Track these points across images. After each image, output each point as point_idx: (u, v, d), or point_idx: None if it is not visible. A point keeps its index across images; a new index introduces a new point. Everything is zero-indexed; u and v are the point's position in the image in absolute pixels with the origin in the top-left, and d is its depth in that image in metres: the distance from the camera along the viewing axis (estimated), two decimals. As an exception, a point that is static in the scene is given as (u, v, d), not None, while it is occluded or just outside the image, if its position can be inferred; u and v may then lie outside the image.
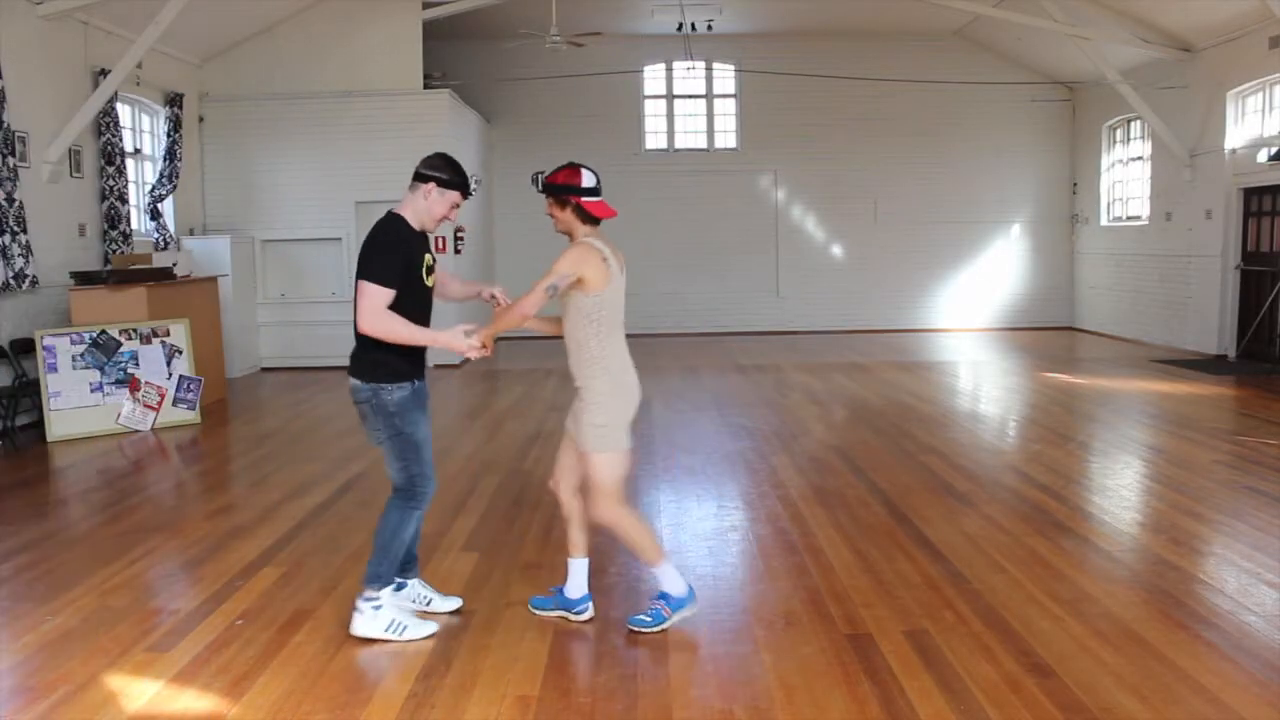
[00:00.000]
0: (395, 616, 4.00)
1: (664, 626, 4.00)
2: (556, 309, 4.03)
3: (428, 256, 4.02)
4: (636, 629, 4.01)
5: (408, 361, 3.96)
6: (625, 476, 4.04)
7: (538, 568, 4.84)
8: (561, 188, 3.91)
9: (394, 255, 3.84)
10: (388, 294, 3.79)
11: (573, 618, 4.15)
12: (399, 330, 3.81)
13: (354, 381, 3.95)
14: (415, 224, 3.99)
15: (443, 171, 3.98)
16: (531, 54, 14.13)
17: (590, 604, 4.18)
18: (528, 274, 16.94)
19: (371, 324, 3.78)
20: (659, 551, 4.07)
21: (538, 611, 4.23)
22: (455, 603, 4.31)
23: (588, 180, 3.91)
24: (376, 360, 3.90)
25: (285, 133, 12.80)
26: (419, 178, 4.00)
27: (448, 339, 3.88)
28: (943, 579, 4.58)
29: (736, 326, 16.30)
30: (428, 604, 4.25)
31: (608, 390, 3.92)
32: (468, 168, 14.95)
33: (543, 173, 4.02)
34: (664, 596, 4.04)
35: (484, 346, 3.90)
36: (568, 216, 3.94)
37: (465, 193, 4.01)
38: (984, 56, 15.98)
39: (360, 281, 3.79)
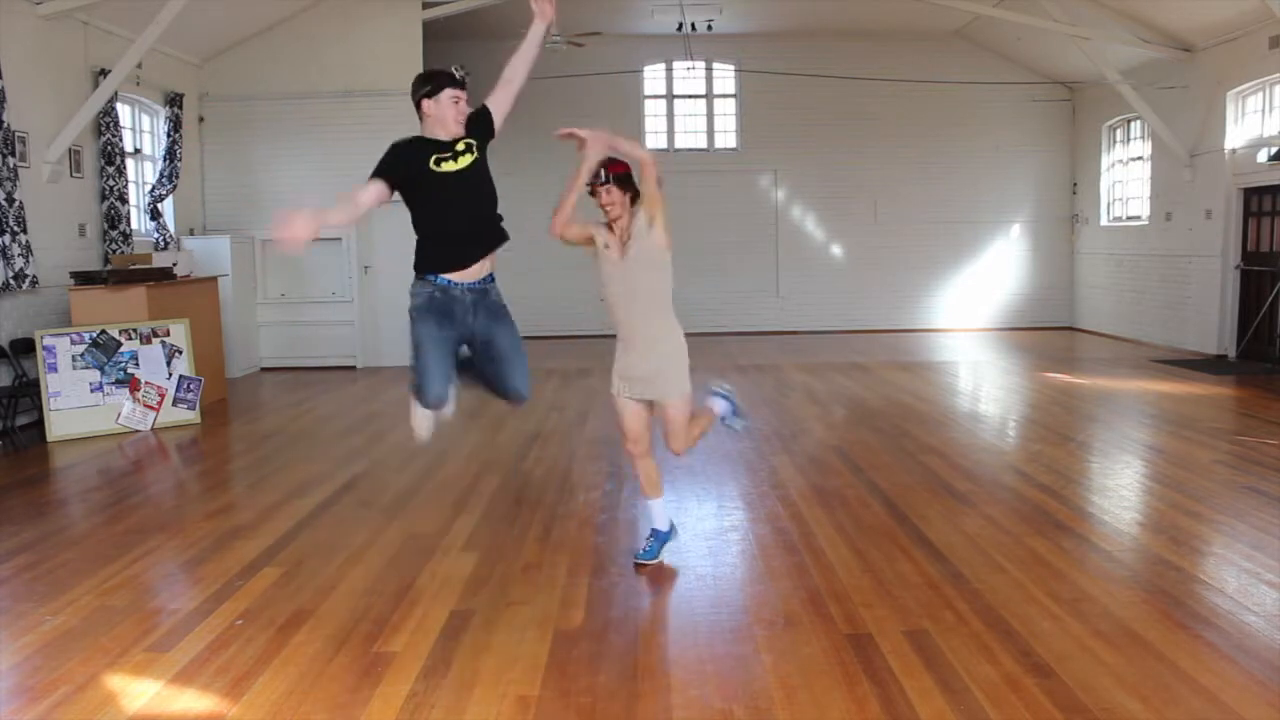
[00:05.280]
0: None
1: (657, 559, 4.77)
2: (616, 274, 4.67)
3: (447, 152, 4.19)
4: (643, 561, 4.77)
5: (434, 254, 4.28)
6: None
7: (538, 568, 4.84)
8: (628, 177, 4.55)
9: (389, 153, 4.24)
10: (371, 183, 4.17)
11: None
12: (344, 195, 4.27)
13: None
14: (436, 136, 4.21)
15: (422, 86, 4.23)
16: (531, 54, 14.11)
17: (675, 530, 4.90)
18: (527, 272, 16.87)
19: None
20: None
21: (648, 562, 4.80)
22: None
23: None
24: (417, 249, 4.35)
25: (285, 133, 12.80)
26: (415, 107, 4.27)
27: (309, 216, 3.99)
28: (943, 579, 4.58)
29: (736, 326, 16.29)
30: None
31: (678, 346, 4.67)
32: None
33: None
34: (654, 532, 4.85)
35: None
36: (627, 201, 4.59)
37: (453, 85, 4.21)
38: (984, 56, 15.98)
39: None
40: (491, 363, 4.39)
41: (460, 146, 4.22)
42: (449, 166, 4.18)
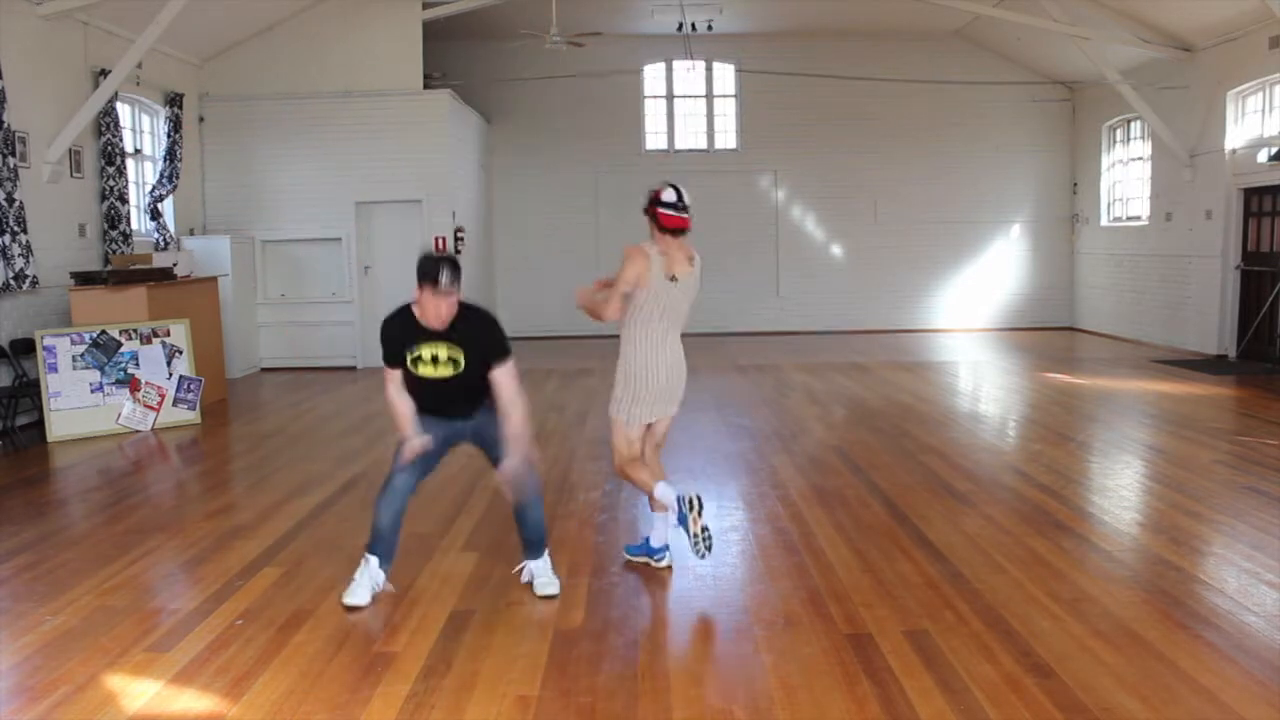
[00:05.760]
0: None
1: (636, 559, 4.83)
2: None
3: (425, 350, 4.24)
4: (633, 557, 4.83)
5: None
6: (634, 443, 4.68)
7: (538, 568, 4.84)
8: (649, 199, 4.78)
9: (384, 342, 4.39)
10: (387, 371, 4.39)
11: (653, 563, 4.79)
12: (390, 405, 4.43)
13: None
14: (424, 321, 4.23)
15: (418, 269, 4.14)
16: (531, 54, 14.13)
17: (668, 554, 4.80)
18: (526, 272, 16.89)
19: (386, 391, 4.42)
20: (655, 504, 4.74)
21: (631, 557, 4.88)
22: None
23: (666, 195, 4.87)
24: None
25: (285, 133, 12.80)
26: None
27: (407, 432, 4.37)
28: (943, 579, 4.58)
29: (736, 326, 16.29)
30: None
31: (622, 368, 4.63)
32: (467, 167, 14.83)
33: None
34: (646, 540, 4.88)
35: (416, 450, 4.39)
36: (648, 222, 4.79)
37: (431, 284, 4.08)
38: (984, 56, 15.98)
39: None
40: (491, 451, 4.50)
41: (442, 354, 4.24)
42: (425, 371, 4.28)
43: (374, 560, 4.44)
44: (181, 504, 6.43)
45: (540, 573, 4.56)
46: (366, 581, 4.42)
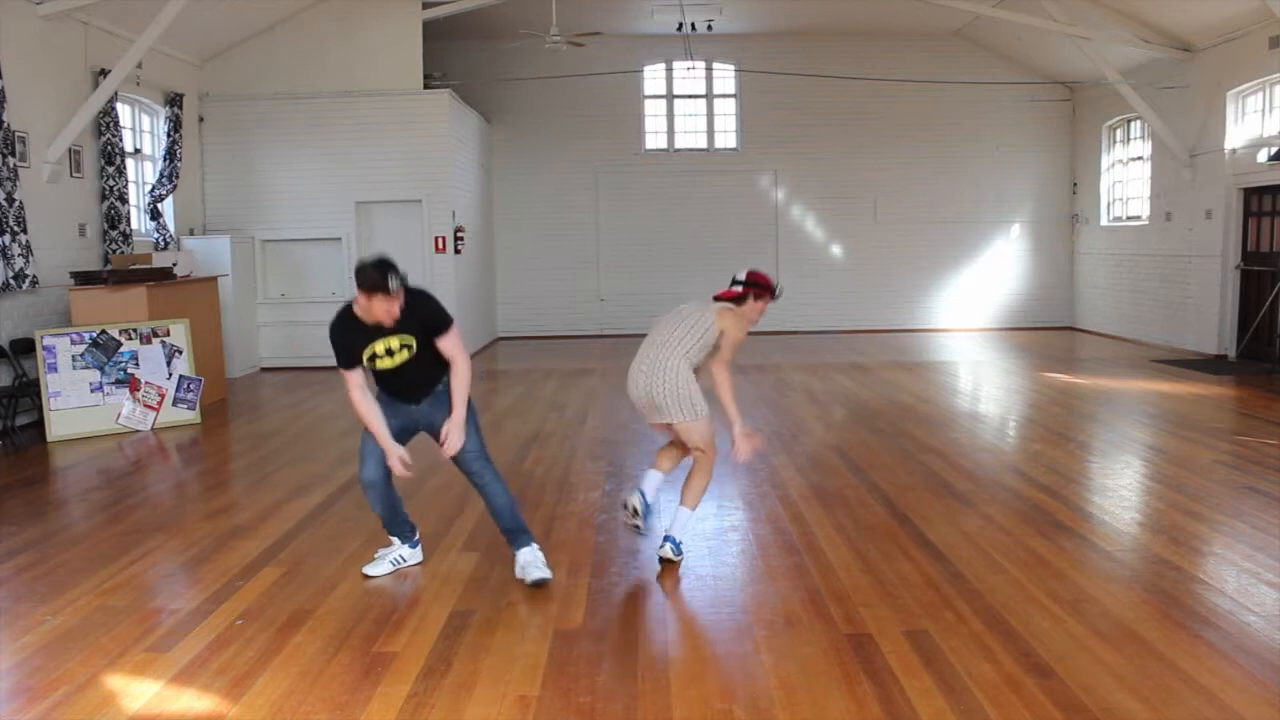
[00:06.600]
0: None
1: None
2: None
3: (379, 345, 4.37)
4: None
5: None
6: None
7: (538, 568, 4.84)
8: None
9: (334, 347, 4.45)
10: (345, 374, 4.47)
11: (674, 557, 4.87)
12: (356, 408, 4.50)
13: None
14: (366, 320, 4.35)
15: (358, 279, 4.24)
16: (531, 54, 14.14)
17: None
18: (526, 272, 16.87)
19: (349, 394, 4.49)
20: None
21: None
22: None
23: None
24: None
25: (285, 133, 12.80)
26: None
27: (388, 449, 4.48)
28: (943, 579, 4.58)
29: (736, 326, 16.25)
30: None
31: None
32: (467, 167, 14.81)
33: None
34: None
35: (407, 467, 4.53)
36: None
37: (383, 294, 4.17)
38: (984, 56, 15.99)
39: None
40: (435, 434, 4.61)
41: (395, 344, 4.37)
42: (384, 364, 4.41)
43: (395, 540, 4.82)
44: (181, 504, 6.43)
45: (528, 560, 4.61)
46: (389, 556, 4.79)
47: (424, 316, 4.40)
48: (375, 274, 4.17)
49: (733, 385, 4.82)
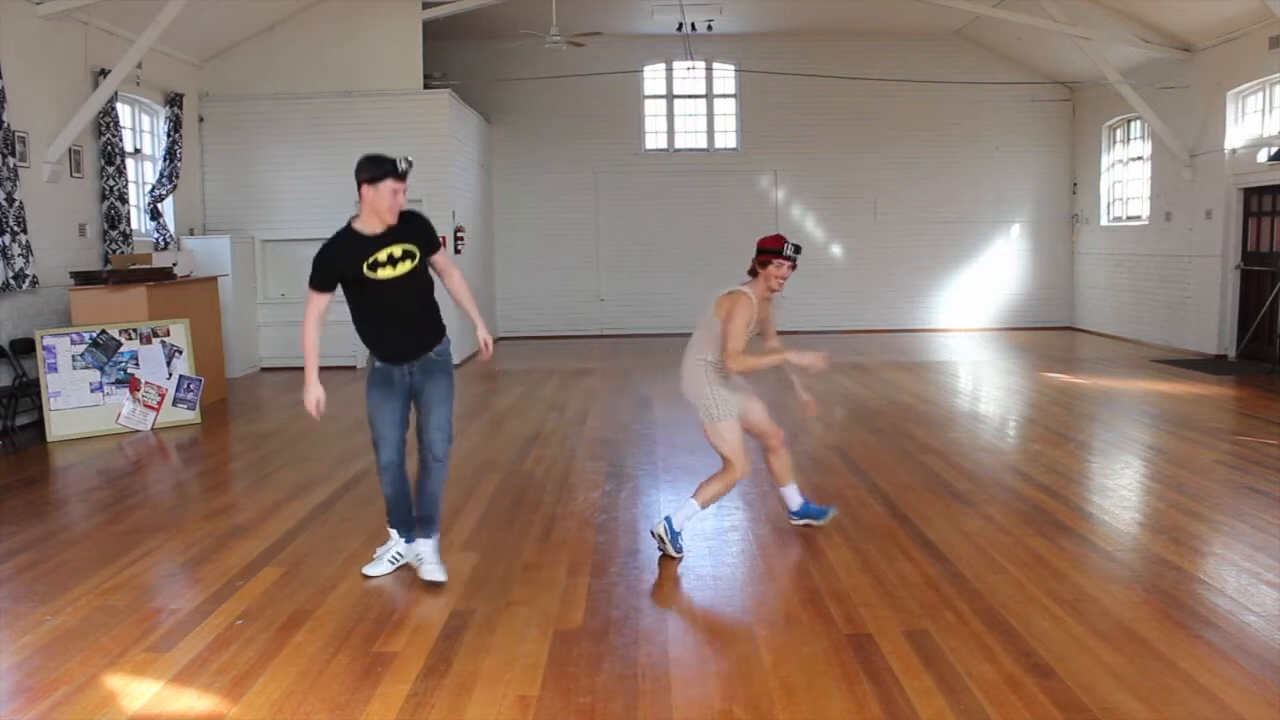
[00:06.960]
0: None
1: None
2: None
3: (382, 254, 4.35)
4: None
5: (373, 349, 4.59)
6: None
7: (538, 568, 4.84)
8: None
9: (322, 265, 4.37)
10: (316, 297, 4.41)
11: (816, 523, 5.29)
12: (305, 334, 4.47)
13: None
14: (370, 227, 4.36)
15: (364, 171, 4.30)
16: (531, 54, 14.14)
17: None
18: (527, 271, 16.85)
19: (304, 318, 4.45)
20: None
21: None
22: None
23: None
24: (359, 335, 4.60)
25: (285, 133, 12.80)
26: (356, 187, 4.34)
27: (309, 386, 4.46)
28: (943, 579, 4.58)
29: (736, 326, 16.25)
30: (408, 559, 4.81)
31: None
32: (465, 166, 14.80)
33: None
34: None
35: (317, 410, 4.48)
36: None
37: (393, 177, 4.28)
38: (984, 56, 15.99)
39: None
40: (419, 412, 4.63)
41: (398, 251, 4.37)
42: (385, 274, 4.38)
43: (393, 533, 4.80)
44: (181, 504, 6.43)
45: (428, 557, 4.63)
46: (386, 554, 4.77)
47: (420, 227, 4.49)
48: (380, 160, 4.29)
49: (755, 363, 4.86)
